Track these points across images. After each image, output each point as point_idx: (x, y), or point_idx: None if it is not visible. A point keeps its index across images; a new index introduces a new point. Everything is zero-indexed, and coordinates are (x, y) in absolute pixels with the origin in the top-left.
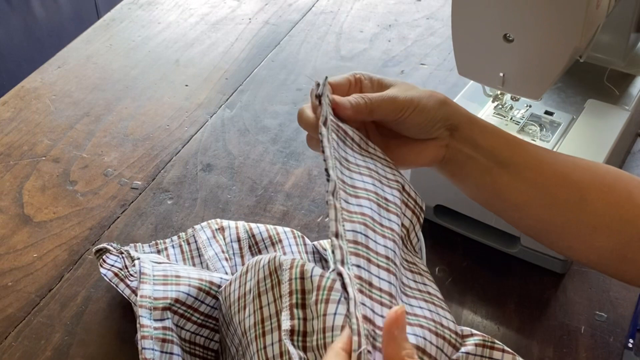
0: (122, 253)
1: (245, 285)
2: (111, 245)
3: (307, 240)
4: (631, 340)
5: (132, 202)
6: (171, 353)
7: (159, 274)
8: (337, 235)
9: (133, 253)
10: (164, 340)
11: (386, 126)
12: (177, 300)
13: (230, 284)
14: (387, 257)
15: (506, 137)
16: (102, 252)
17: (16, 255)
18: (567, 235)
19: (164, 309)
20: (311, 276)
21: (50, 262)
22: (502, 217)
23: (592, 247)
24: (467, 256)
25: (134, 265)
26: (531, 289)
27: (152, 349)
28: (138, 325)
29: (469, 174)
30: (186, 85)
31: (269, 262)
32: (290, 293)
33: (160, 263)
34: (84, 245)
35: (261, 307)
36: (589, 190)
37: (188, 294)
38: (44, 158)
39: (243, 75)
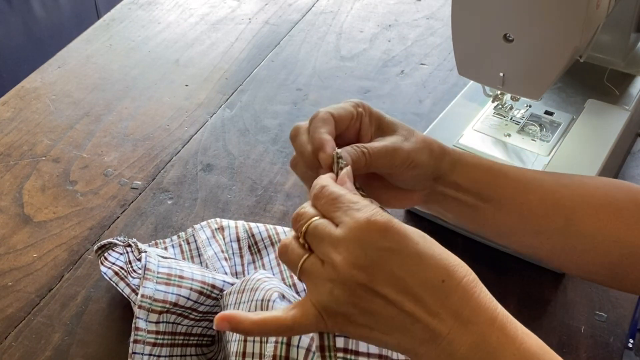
0: (129, 246)
1: (239, 306)
2: (117, 239)
3: None
4: (631, 340)
5: (132, 202)
6: (158, 355)
7: (163, 271)
8: (322, 349)
9: (141, 245)
10: (154, 345)
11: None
12: (175, 304)
13: (230, 293)
14: (380, 356)
15: (491, 170)
16: (104, 249)
17: (16, 255)
18: (556, 257)
19: (161, 312)
20: (298, 345)
21: (50, 262)
22: (488, 240)
23: (583, 266)
24: (467, 256)
25: (139, 260)
26: (531, 289)
27: (142, 354)
28: (133, 326)
29: (451, 210)
30: (186, 85)
31: (262, 300)
32: (274, 358)
33: (166, 258)
34: (84, 245)
35: (245, 340)
36: (576, 213)
37: (188, 298)
38: (44, 158)
39: (243, 75)
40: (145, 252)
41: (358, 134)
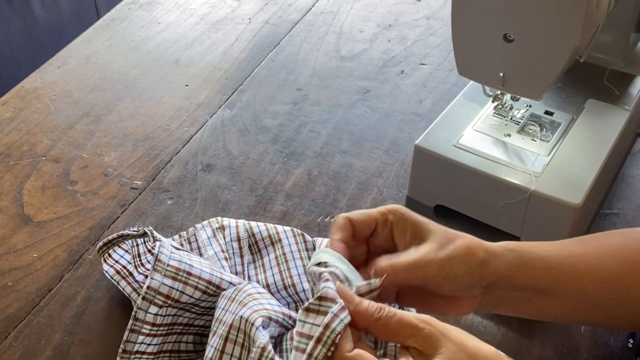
0: (145, 234)
1: (225, 314)
2: (130, 230)
3: (308, 237)
4: (631, 340)
5: (132, 202)
6: (149, 344)
7: (173, 264)
8: None
9: (155, 234)
10: (148, 335)
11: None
12: (177, 301)
13: (223, 296)
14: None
15: (542, 264)
16: (109, 245)
17: (16, 255)
18: (608, 323)
19: (162, 306)
20: None
21: (50, 262)
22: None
23: (635, 325)
24: None
25: (150, 252)
26: None
27: (135, 342)
28: (133, 315)
29: (507, 308)
30: (186, 85)
31: (246, 321)
32: None
33: (178, 249)
34: (83, 245)
35: (223, 351)
36: (625, 283)
37: (191, 296)
38: (44, 158)
39: (243, 75)
40: (160, 240)
41: (393, 241)
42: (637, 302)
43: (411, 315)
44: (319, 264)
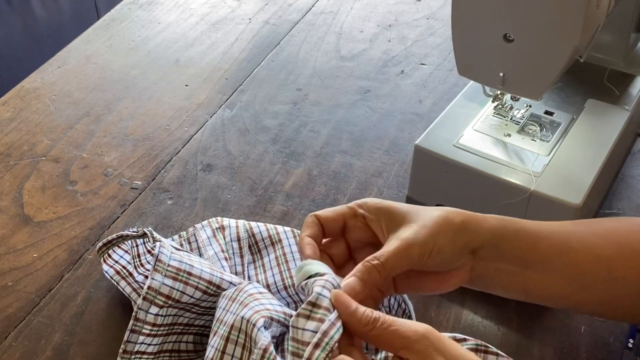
0: (144, 235)
1: (226, 314)
2: (129, 231)
3: None
4: (631, 340)
5: (132, 202)
6: (149, 344)
7: (173, 264)
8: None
9: (155, 234)
10: (148, 335)
11: None
12: (178, 301)
13: (223, 297)
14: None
15: (531, 235)
16: (109, 245)
17: (16, 255)
18: (603, 308)
19: (162, 306)
20: None
21: (50, 262)
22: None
23: (630, 309)
24: None
25: (150, 253)
26: None
27: (135, 342)
28: (134, 315)
29: (498, 283)
30: (186, 85)
31: (247, 321)
32: None
33: (178, 250)
34: (84, 245)
35: (224, 352)
36: (615, 263)
37: (191, 296)
38: (44, 158)
39: (243, 75)
40: (160, 241)
41: (372, 232)
42: (627, 285)
43: (408, 327)
44: (309, 277)
